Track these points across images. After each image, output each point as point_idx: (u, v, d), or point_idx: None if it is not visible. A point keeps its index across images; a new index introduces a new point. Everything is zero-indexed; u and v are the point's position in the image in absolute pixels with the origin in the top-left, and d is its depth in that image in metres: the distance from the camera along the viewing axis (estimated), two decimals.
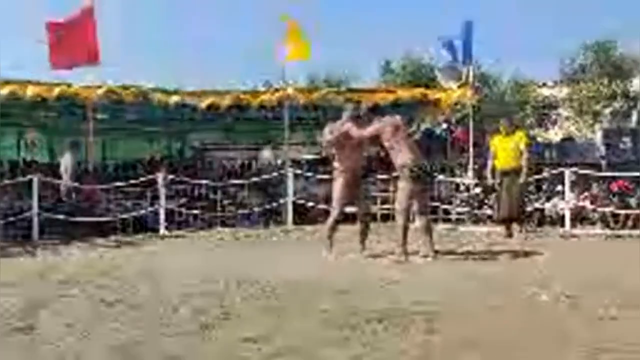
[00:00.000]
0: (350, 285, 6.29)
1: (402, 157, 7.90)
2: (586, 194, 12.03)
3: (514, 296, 5.81)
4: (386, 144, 8.05)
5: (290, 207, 12.81)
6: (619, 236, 10.61)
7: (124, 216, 12.14)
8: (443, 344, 4.34)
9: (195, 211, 12.74)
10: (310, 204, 13.01)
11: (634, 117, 31.29)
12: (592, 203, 11.79)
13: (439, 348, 4.24)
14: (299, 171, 13.56)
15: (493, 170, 10.58)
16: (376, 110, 9.05)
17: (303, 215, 12.96)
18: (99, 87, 12.87)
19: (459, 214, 12.64)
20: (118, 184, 12.65)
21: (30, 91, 12.42)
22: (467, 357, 4.12)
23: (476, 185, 12.78)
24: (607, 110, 32.97)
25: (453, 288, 6.16)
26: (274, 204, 13.14)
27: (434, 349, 4.22)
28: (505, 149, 10.36)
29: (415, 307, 5.31)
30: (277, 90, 14.45)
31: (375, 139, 8.22)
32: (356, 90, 15.47)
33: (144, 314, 5.32)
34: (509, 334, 4.55)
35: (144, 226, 12.15)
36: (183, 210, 12.68)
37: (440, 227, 11.32)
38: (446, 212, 12.67)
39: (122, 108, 14.25)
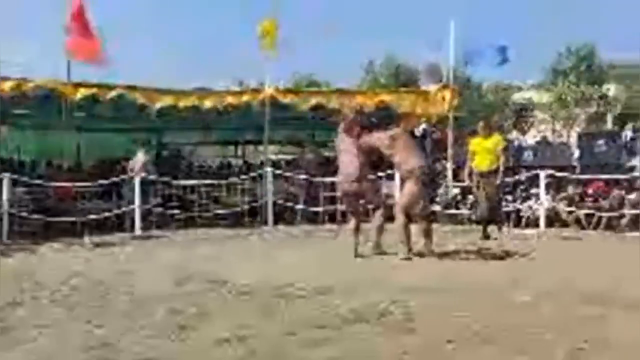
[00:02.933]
0: (329, 285, 6.28)
1: (409, 162, 8.25)
2: (561, 195, 12.16)
3: (491, 296, 5.84)
4: (387, 154, 8.43)
5: (270, 207, 12.77)
6: (592, 237, 10.73)
7: (99, 216, 12.02)
8: (420, 343, 4.35)
9: (172, 211, 12.64)
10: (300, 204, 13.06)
11: (609, 121, 31.72)
12: (568, 205, 11.91)
13: (416, 348, 4.25)
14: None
15: (471, 171, 10.64)
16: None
17: (282, 215, 12.96)
18: (78, 84, 12.72)
19: (437, 214, 12.68)
20: (94, 182, 12.50)
21: (6, 86, 12.22)
22: (444, 356, 4.14)
23: (454, 186, 12.84)
24: (583, 114, 33.43)
25: (431, 288, 6.17)
26: (254, 204, 13.10)
27: (412, 348, 4.23)
28: (483, 151, 10.42)
29: (394, 307, 5.32)
30: (255, 90, 14.36)
31: (374, 151, 8.56)
32: (340, 91, 15.36)
33: (119, 315, 5.27)
34: (486, 333, 4.57)
35: (120, 226, 12.04)
36: (160, 210, 12.57)
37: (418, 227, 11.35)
38: None
39: (99, 106, 14.07)
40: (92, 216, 11.86)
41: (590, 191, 12.14)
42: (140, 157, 12.77)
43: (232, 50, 46.96)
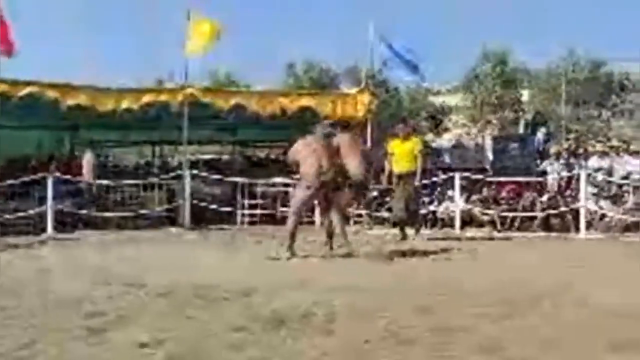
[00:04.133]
0: (252, 286, 6.24)
1: (302, 167, 8.53)
2: (475, 197, 12.53)
3: (410, 296, 5.93)
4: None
5: (188, 208, 12.58)
6: (506, 238, 11.11)
7: (9, 217, 11.52)
8: (339, 344, 4.38)
9: (86, 211, 12.25)
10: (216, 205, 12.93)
11: (521, 125, 32.97)
12: (483, 206, 12.28)
13: (336, 348, 4.28)
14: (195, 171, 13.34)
15: (390, 173, 10.80)
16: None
17: (200, 216, 12.80)
18: None
19: (357, 216, 12.83)
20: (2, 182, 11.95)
21: None
22: (361, 357, 4.18)
23: (374, 188, 13.00)
24: (496, 119, 34.61)
25: (352, 289, 6.21)
26: (172, 205, 12.89)
27: (331, 349, 4.26)
28: (401, 153, 10.61)
29: (314, 309, 5.33)
30: (174, 89, 14.09)
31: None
32: (261, 93, 15.25)
33: (33, 320, 5.06)
34: (404, 333, 4.64)
35: (31, 228, 11.59)
36: (74, 210, 12.16)
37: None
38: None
39: (11, 103, 13.47)
40: (7, 216, 11.40)
41: (503, 193, 12.58)
42: (87, 158, 12.80)
43: (148, 49, 46.05)
